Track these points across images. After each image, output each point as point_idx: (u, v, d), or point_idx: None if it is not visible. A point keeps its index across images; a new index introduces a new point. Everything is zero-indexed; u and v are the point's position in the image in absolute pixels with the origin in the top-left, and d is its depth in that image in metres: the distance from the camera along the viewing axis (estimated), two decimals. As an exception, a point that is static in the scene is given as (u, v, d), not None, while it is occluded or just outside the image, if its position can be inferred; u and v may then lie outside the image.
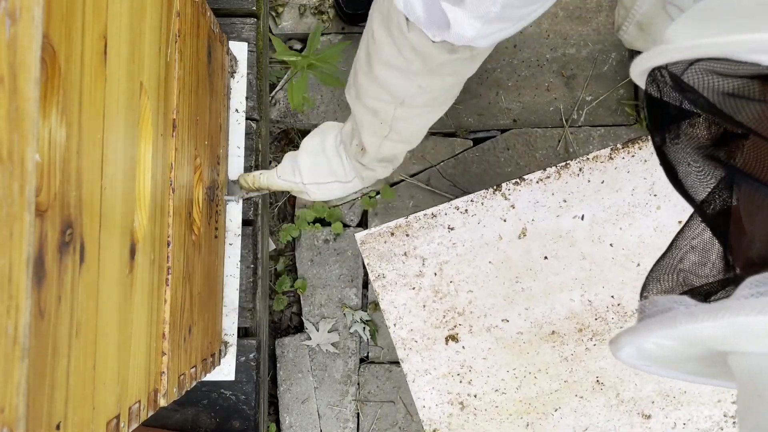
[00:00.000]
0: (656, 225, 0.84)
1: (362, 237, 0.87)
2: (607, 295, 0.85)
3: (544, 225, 0.85)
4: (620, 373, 0.85)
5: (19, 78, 0.30)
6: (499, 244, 0.85)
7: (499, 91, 1.28)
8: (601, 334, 0.85)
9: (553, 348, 0.86)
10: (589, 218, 0.84)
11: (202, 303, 0.75)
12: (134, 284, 0.52)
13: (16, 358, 0.30)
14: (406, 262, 0.86)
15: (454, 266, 0.86)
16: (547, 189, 0.85)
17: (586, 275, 0.85)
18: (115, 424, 0.48)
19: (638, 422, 0.85)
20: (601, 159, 0.84)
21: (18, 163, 0.30)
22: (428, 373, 0.87)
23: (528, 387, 0.86)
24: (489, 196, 0.85)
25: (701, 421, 0.85)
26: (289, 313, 1.31)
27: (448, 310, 0.86)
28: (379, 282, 0.87)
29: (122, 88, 0.48)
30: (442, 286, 0.86)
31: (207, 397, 0.94)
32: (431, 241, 0.86)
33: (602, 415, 0.86)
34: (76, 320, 0.41)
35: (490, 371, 0.86)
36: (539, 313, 0.85)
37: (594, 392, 0.86)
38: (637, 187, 0.84)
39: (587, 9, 1.28)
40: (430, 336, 0.86)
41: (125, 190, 0.50)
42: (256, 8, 0.99)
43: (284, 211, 1.32)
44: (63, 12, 0.38)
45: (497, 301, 0.86)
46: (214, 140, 0.83)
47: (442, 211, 0.86)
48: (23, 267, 0.31)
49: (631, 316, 0.85)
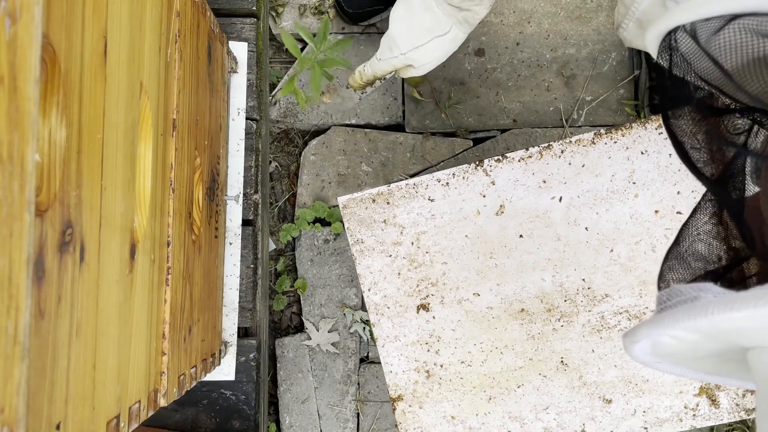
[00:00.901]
0: (633, 212, 0.84)
1: (344, 201, 0.88)
2: (578, 278, 0.85)
3: (522, 204, 0.85)
4: (585, 356, 0.86)
5: (19, 78, 0.30)
6: (477, 219, 0.86)
7: (499, 91, 1.28)
8: (569, 316, 0.86)
9: (521, 325, 0.86)
10: (567, 200, 0.85)
11: (202, 303, 0.75)
12: (134, 284, 0.52)
13: (16, 358, 0.30)
14: (385, 229, 0.87)
15: (432, 237, 0.87)
16: (528, 168, 0.85)
17: (559, 257, 0.85)
18: (115, 424, 0.48)
19: (599, 406, 0.86)
20: (584, 143, 0.84)
21: (18, 163, 0.30)
22: (398, 339, 0.88)
23: (493, 362, 0.87)
24: (471, 171, 0.86)
25: (661, 411, 0.85)
26: (289, 313, 1.31)
27: (422, 279, 0.87)
28: (357, 247, 0.88)
29: (122, 88, 0.48)
30: (418, 256, 0.87)
31: (207, 397, 0.94)
32: (411, 210, 0.87)
33: (564, 396, 0.86)
34: (76, 320, 0.41)
35: (457, 343, 0.87)
36: (510, 290, 0.86)
37: (558, 372, 0.86)
38: (617, 173, 0.84)
39: (587, 9, 1.28)
40: (402, 303, 0.88)
41: (125, 190, 0.50)
42: (256, 8, 0.99)
43: (284, 211, 1.32)
44: (63, 12, 0.38)
45: (470, 274, 0.87)
46: (214, 140, 0.83)
47: (424, 182, 0.86)
48: (23, 267, 0.31)
49: (600, 300, 0.85)
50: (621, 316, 0.85)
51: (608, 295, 0.84)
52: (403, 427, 0.88)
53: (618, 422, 0.85)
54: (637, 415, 0.85)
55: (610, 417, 0.86)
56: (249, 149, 0.96)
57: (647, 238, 0.83)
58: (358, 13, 1.26)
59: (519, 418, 0.87)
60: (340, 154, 1.31)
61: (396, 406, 0.88)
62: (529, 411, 0.86)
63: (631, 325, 0.84)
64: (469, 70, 1.30)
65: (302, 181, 1.31)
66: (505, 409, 0.87)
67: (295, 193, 1.31)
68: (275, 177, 1.33)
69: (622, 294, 0.84)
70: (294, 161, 1.33)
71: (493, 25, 1.29)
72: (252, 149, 0.97)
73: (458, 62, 1.30)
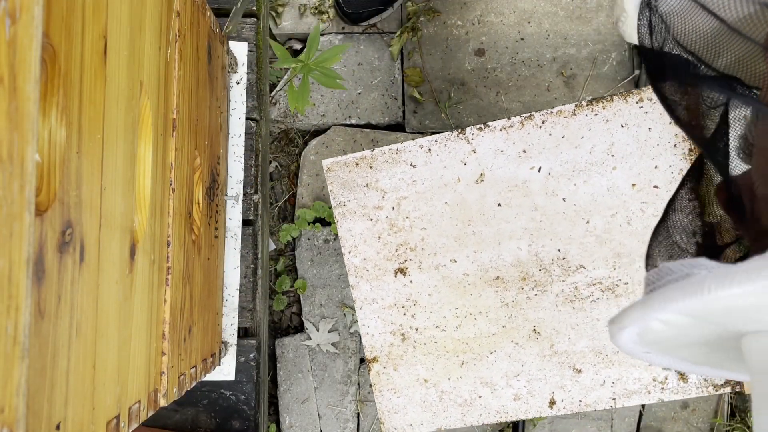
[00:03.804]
0: (610, 185, 0.85)
1: (329, 164, 0.89)
2: (553, 248, 0.86)
3: (502, 172, 0.86)
4: (557, 326, 0.87)
5: (19, 78, 0.30)
6: (457, 186, 0.87)
7: (499, 90, 1.28)
8: (543, 285, 0.87)
9: (495, 293, 0.87)
10: (546, 171, 0.85)
11: (202, 303, 0.75)
12: (134, 284, 0.52)
13: (16, 358, 0.30)
14: (367, 193, 0.89)
15: (412, 203, 0.88)
16: (509, 138, 0.86)
17: (536, 226, 0.86)
18: (115, 424, 0.48)
19: (569, 375, 0.87)
20: (565, 114, 0.85)
21: (18, 163, 0.30)
22: (375, 302, 0.90)
23: (467, 327, 0.88)
24: (453, 138, 0.87)
25: (630, 383, 0.86)
26: (289, 313, 1.31)
27: (401, 244, 0.89)
28: (339, 209, 0.89)
29: (122, 88, 0.48)
30: (398, 221, 0.89)
31: (207, 397, 0.94)
32: (393, 176, 0.88)
33: (534, 364, 0.87)
34: (76, 320, 0.41)
35: (433, 308, 0.89)
36: (486, 257, 0.87)
37: (529, 340, 0.87)
38: (596, 146, 0.84)
39: (587, 9, 1.28)
40: (381, 267, 0.89)
41: (125, 190, 0.50)
42: (256, 8, 0.99)
43: (284, 211, 1.32)
44: (63, 12, 0.38)
45: (448, 241, 0.88)
46: (214, 140, 0.83)
47: (407, 148, 0.88)
48: (23, 267, 0.30)
49: (575, 270, 0.85)
50: (594, 287, 0.86)
51: (583, 266, 0.85)
52: (377, 387, 0.90)
53: (587, 392, 0.86)
54: (606, 385, 0.86)
55: (579, 386, 0.87)
56: (249, 149, 0.96)
57: (623, 211, 0.84)
58: (357, 14, 1.26)
59: (490, 383, 0.88)
60: (340, 154, 1.31)
61: (371, 366, 0.90)
62: (501, 377, 0.88)
63: (604, 297, 0.84)
64: (469, 70, 1.30)
65: (302, 181, 1.31)
66: (477, 374, 0.88)
67: (295, 193, 1.31)
68: (275, 177, 1.33)
69: (596, 265, 0.85)
70: (294, 161, 1.33)
71: (493, 25, 1.29)
72: (252, 149, 0.97)
73: (458, 62, 1.30)
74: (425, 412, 0.89)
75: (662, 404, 1.32)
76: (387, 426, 0.90)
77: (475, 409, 0.88)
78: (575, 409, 0.86)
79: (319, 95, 1.32)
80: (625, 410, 1.31)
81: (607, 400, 0.86)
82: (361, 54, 1.32)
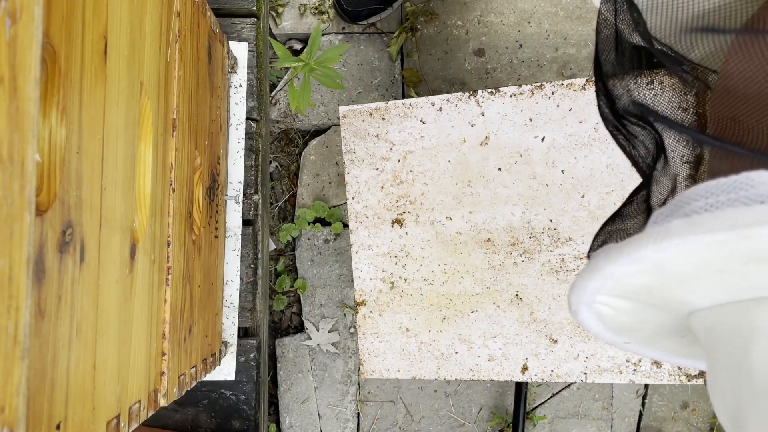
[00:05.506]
0: (610, 162, 0.85)
1: (345, 111, 0.93)
2: (546, 217, 0.87)
3: (506, 138, 0.88)
4: (539, 294, 0.88)
5: (19, 78, 0.30)
6: (462, 146, 0.89)
7: (499, 91, 1.29)
8: (531, 253, 0.88)
9: (484, 254, 0.89)
10: (549, 141, 0.87)
11: (202, 303, 0.75)
12: (134, 284, 0.52)
13: (16, 358, 0.30)
14: (376, 143, 0.92)
15: (417, 158, 0.91)
16: (518, 105, 0.87)
17: (531, 194, 0.88)
18: (115, 424, 0.48)
19: (544, 344, 0.88)
20: (575, 87, 0.86)
21: (18, 163, 0.30)
22: (370, 248, 0.93)
23: (453, 284, 0.90)
24: (464, 99, 0.89)
25: (603, 360, 0.87)
26: (289, 313, 1.31)
27: (401, 196, 0.91)
28: (349, 156, 0.92)
29: (122, 88, 0.48)
30: (402, 174, 0.91)
31: (207, 397, 0.94)
32: (403, 129, 0.91)
33: (513, 328, 0.89)
34: (76, 320, 0.41)
35: (423, 261, 0.91)
36: (480, 219, 0.89)
37: (511, 305, 0.89)
38: (601, 123, 0.85)
39: (587, 9, 1.28)
40: (380, 216, 0.92)
41: (125, 190, 0.50)
42: (257, 8, 0.99)
43: (284, 211, 1.32)
44: (63, 12, 0.38)
45: (446, 199, 0.90)
46: (214, 140, 0.83)
47: (419, 103, 0.90)
48: (23, 267, 0.31)
49: (564, 242, 0.87)
50: (580, 261, 0.87)
51: (572, 238, 0.87)
52: (362, 330, 0.93)
53: (560, 363, 0.88)
54: (580, 359, 0.87)
55: (553, 356, 0.88)
56: (249, 149, 0.96)
57: (619, 190, 0.85)
58: (357, 12, 1.26)
59: (468, 341, 0.90)
60: (340, 154, 1.31)
61: (359, 309, 0.93)
62: (478, 336, 0.90)
63: None
64: (469, 70, 1.30)
65: (302, 181, 1.31)
66: (456, 330, 0.91)
67: (295, 193, 1.31)
68: (275, 177, 1.33)
69: (585, 240, 0.87)
70: (294, 161, 1.33)
71: (493, 25, 1.29)
72: (252, 149, 0.97)
73: (458, 62, 1.30)
74: (403, 359, 0.92)
75: (662, 404, 1.32)
76: (366, 368, 0.93)
77: (451, 364, 0.91)
78: (546, 378, 0.88)
79: (319, 95, 1.32)
80: (625, 410, 1.31)
81: (578, 374, 0.88)
82: (361, 54, 1.32)
